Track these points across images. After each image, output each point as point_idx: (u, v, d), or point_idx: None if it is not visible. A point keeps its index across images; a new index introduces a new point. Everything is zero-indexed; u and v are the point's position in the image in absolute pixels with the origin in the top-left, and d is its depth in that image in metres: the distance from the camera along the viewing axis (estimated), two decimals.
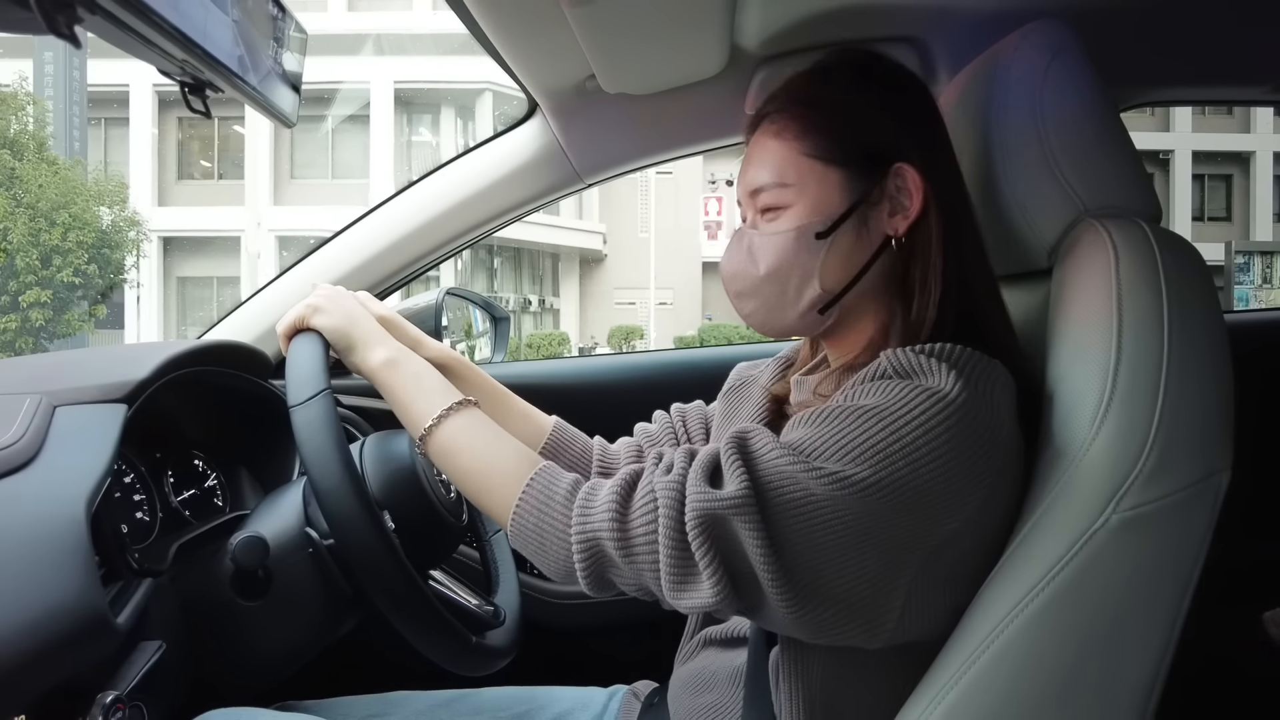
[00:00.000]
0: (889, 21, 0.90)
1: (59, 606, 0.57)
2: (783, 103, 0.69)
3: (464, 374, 0.91)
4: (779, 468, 0.57)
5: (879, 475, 0.55)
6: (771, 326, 0.71)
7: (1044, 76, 0.67)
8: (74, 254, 11.69)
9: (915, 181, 0.65)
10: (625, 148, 1.19)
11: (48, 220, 11.54)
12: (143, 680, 0.63)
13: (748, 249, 0.69)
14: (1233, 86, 1.14)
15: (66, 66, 13.63)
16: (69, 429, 0.69)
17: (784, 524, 0.56)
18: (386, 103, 15.98)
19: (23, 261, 11.43)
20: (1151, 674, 0.60)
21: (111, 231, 12.52)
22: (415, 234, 1.20)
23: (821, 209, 0.66)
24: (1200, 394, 0.59)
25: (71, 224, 11.67)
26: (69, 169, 12.10)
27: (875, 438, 0.56)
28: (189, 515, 0.91)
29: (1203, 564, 0.59)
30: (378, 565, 0.68)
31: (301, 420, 0.69)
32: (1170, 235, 0.64)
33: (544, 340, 15.84)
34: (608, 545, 0.60)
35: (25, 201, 11.44)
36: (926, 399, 0.57)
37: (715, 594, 0.57)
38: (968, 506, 0.57)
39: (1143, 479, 0.57)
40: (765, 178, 0.68)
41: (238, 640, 0.78)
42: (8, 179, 11.38)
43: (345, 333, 0.77)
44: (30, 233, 11.41)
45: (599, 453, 0.92)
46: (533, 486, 0.65)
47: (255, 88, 0.53)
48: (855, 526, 0.55)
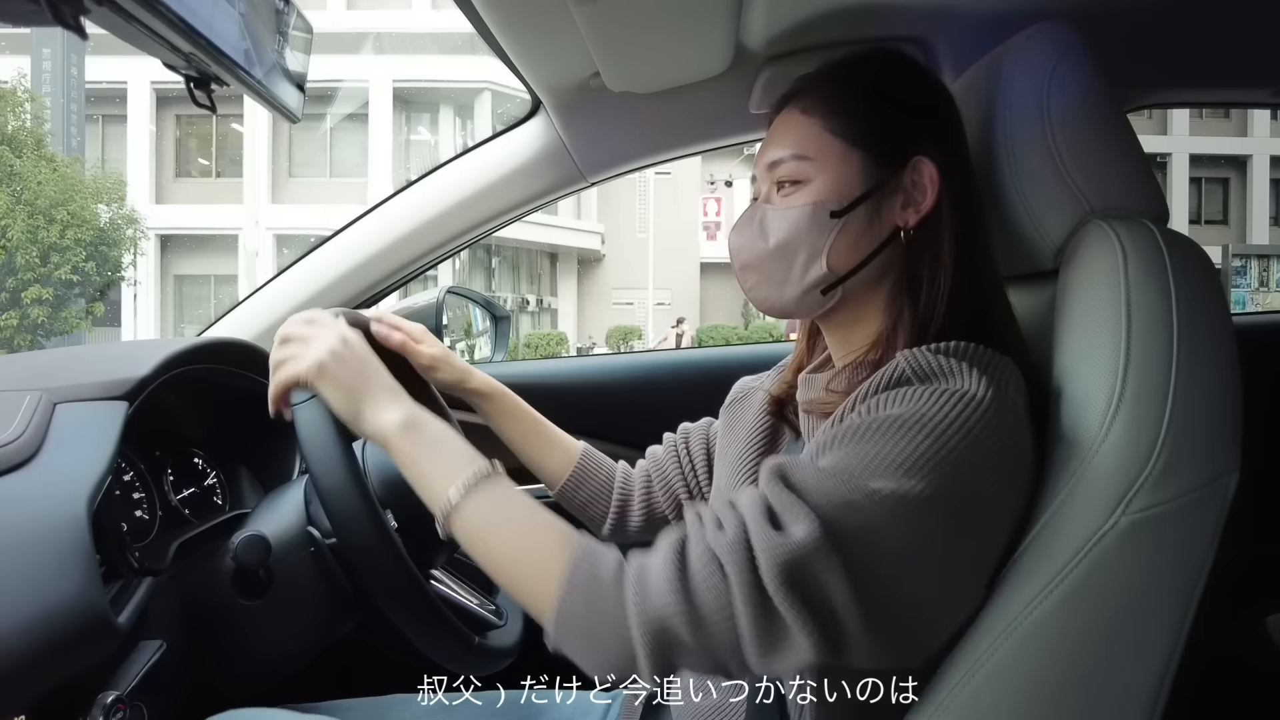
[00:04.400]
0: (895, 21, 0.89)
1: (59, 605, 0.56)
2: (814, 83, 0.70)
3: (506, 404, 0.93)
4: (834, 496, 0.53)
5: (934, 486, 0.53)
6: (772, 303, 0.70)
7: (1050, 77, 0.67)
8: (72, 251, 11.66)
9: (931, 177, 0.66)
10: (628, 146, 1.18)
11: (46, 217, 11.51)
12: (143, 680, 0.63)
13: (759, 222, 0.69)
14: (1236, 89, 1.14)
15: (65, 63, 13.58)
16: (69, 426, 0.68)
17: (858, 553, 0.52)
18: (385, 101, 15.95)
19: (22, 258, 11.41)
20: (1159, 677, 0.59)
21: (110, 229, 12.49)
22: (417, 232, 1.19)
23: (839, 188, 0.66)
24: (1209, 396, 0.59)
25: (70, 221, 11.64)
26: (67, 166, 12.08)
27: (920, 448, 0.54)
28: (188, 514, 0.91)
29: (1210, 567, 0.59)
30: (380, 564, 0.68)
31: (303, 418, 0.68)
32: (1178, 236, 0.64)
33: (542, 340, 15.82)
34: (676, 625, 0.53)
35: (24, 198, 11.41)
36: (960, 403, 0.55)
37: (812, 646, 0.51)
38: (1014, 506, 0.58)
39: (1152, 481, 0.57)
40: (786, 150, 0.68)
41: (238, 639, 0.78)
42: (6, 176, 11.35)
43: (351, 395, 0.67)
44: (29, 230, 11.38)
45: (621, 479, 0.94)
46: (576, 574, 0.57)
47: (261, 82, 0.53)
48: (923, 541, 0.53)
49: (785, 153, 0.68)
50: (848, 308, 0.70)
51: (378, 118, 15.94)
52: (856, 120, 0.67)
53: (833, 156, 0.67)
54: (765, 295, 0.70)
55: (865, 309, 0.69)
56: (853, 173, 0.66)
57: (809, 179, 0.67)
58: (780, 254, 0.68)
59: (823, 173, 0.67)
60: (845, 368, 0.70)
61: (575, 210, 18.36)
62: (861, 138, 0.66)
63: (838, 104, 0.67)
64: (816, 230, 0.66)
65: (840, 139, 0.67)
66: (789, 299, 0.69)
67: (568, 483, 0.94)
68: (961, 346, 0.60)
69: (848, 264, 0.67)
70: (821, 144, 0.67)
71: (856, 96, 0.68)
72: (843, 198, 0.66)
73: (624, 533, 0.94)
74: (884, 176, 0.66)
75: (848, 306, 0.70)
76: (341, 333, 0.70)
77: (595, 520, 0.95)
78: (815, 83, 0.70)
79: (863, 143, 0.66)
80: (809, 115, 0.68)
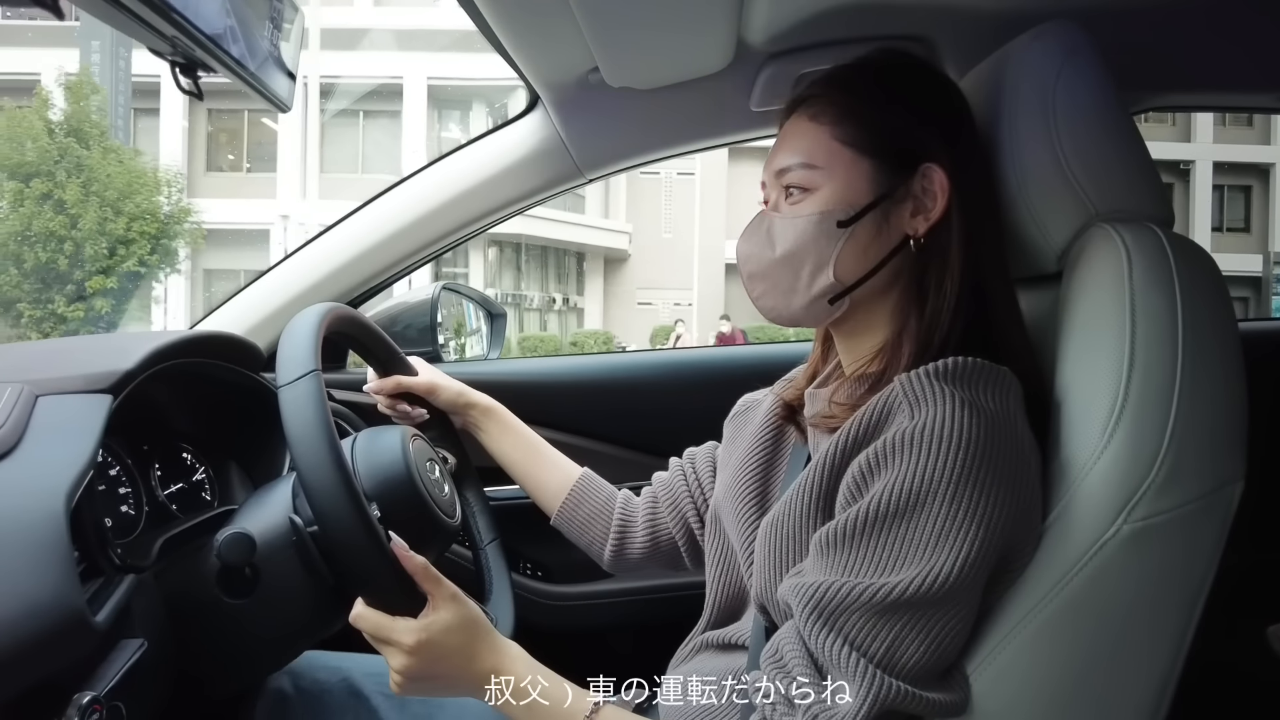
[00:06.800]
0: (898, 19, 0.88)
1: (33, 603, 0.55)
2: (823, 88, 0.69)
3: (507, 423, 0.97)
4: (874, 613, 0.55)
5: (963, 550, 0.55)
6: (779, 312, 0.70)
7: (1057, 77, 0.66)
8: (138, 244, 11.70)
9: (942, 184, 0.65)
10: (627, 143, 1.17)
11: (114, 210, 11.55)
12: (122, 679, 0.61)
13: (766, 231, 0.69)
14: (1242, 92, 1.13)
15: (113, 56, 13.54)
16: (51, 419, 0.67)
17: (912, 649, 0.55)
18: (420, 98, 15.87)
19: (90, 250, 11.42)
20: (1160, 685, 0.59)
21: (170, 222, 12.53)
22: (412, 227, 1.18)
23: (846, 197, 0.65)
24: (1214, 403, 0.58)
25: (137, 214, 11.70)
26: (130, 158, 12.15)
27: (939, 520, 0.55)
28: (176, 510, 0.89)
29: (1214, 576, 0.58)
30: (358, 550, 0.65)
31: (288, 398, 0.67)
32: (1184, 240, 0.63)
33: (588, 338, 15.94)
34: None
35: (93, 190, 11.44)
36: (960, 453, 0.55)
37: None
38: (1024, 514, 0.58)
39: (1155, 489, 0.56)
40: (794, 158, 0.67)
41: (223, 638, 0.76)
42: (75, 168, 11.39)
43: (449, 689, 0.68)
44: (98, 221, 11.40)
45: (622, 504, 0.94)
46: None
47: (247, 67, 0.51)
48: (966, 611, 0.56)
49: (793, 160, 0.67)
50: (857, 315, 0.69)
51: (411, 114, 15.85)
52: (865, 127, 0.66)
53: (841, 165, 0.66)
54: (772, 304, 0.70)
55: (874, 316, 0.69)
56: (861, 181, 0.65)
57: (817, 187, 0.66)
58: (787, 263, 0.67)
59: (830, 181, 0.66)
60: (847, 380, 0.69)
61: (603, 209, 18.35)
62: (870, 145, 0.66)
63: (847, 111, 0.67)
64: (824, 240, 0.65)
65: (849, 147, 0.66)
66: (796, 308, 0.69)
67: (566, 502, 0.94)
68: (960, 366, 0.60)
69: (855, 273, 0.66)
70: (830, 152, 0.66)
71: (866, 103, 0.67)
72: (850, 206, 0.65)
73: (625, 560, 0.93)
74: (893, 184, 0.65)
75: (857, 314, 0.69)
76: (405, 652, 0.65)
77: (594, 545, 0.94)
78: (824, 88, 0.69)
79: (871, 150, 0.66)
80: (817, 122, 0.67)
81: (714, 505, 0.81)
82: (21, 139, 11.27)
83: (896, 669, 0.55)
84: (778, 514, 0.65)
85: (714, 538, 0.80)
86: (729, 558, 0.78)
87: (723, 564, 0.78)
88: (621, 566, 0.94)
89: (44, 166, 11.23)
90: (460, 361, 1.34)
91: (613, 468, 1.21)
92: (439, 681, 0.67)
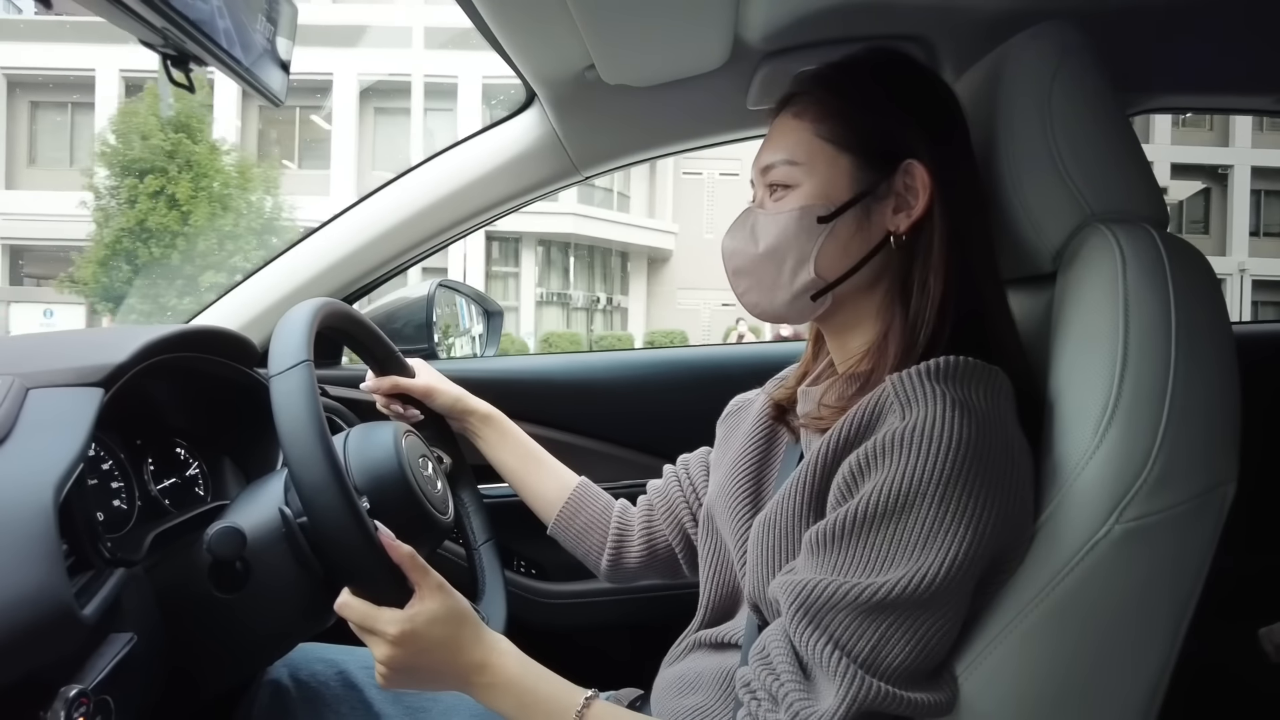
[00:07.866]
0: (895, 19, 0.88)
1: (19, 596, 0.54)
2: (808, 86, 0.70)
3: (505, 429, 0.97)
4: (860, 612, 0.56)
5: (951, 551, 0.55)
6: (763, 308, 0.70)
7: (1053, 77, 0.66)
8: (244, 239, 11.77)
9: (924, 181, 0.65)
10: (623, 140, 1.17)
11: (223, 205, 11.64)
12: (111, 673, 0.61)
13: (751, 227, 0.69)
14: (1240, 94, 1.13)
15: None
16: (41, 412, 0.67)
17: (896, 650, 0.55)
18: (475, 96, 15.80)
19: (203, 244, 11.50)
20: (1151, 687, 0.59)
21: (272, 218, 12.60)
22: (407, 223, 1.18)
23: (826, 193, 0.66)
24: (1207, 405, 0.58)
25: (245, 210, 11.80)
26: (235, 154, 12.28)
27: (928, 521, 0.55)
28: (168, 504, 0.89)
29: (1205, 577, 0.58)
30: (343, 534, 0.64)
31: (278, 388, 0.66)
32: (1178, 242, 0.63)
33: (664, 339, 15.87)
34: None
35: (203, 185, 11.53)
36: (950, 454, 0.55)
37: None
38: (1015, 515, 0.58)
39: (1146, 490, 0.56)
40: (777, 155, 0.68)
41: (214, 633, 0.76)
42: (185, 163, 11.45)
43: (435, 683, 0.67)
44: (208, 216, 11.50)
45: (618, 513, 0.94)
46: None
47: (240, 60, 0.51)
48: (953, 612, 0.57)
49: (777, 157, 0.68)
50: (843, 313, 0.69)
51: (465, 113, 15.77)
52: (846, 124, 0.66)
53: (821, 160, 0.66)
54: (756, 300, 0.70)
55: (860, 315, 0.69)
56: (841, 176, 0.66)
57: (797, 183, 0.67)
58: (769, 259, 0.67)
59: (811, 177, 0.66)
60: (837, 380, 0.69)
61: (648, 209, 18.30)
62: (851, 142, 0.66)
63: (828, 107, 0.67)
64: (804, 235, 0.66)
65: (829, 143, 0.66)
66: (779, 304, 0.69)
67: (563, 511, 0.94)
68: (952, 365, 0.60)
69: (837, 270, 0.66)
70: (811, 148, 0.67)
71: (847, 99, 0.67)
72: (831, 202, 0.65)
73: (622, 570, 0.93)
74: (874, 181, 0.65)
75: (843, 312, 0.69)
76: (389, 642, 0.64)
77: (590, 554, 0.94)
78: (809, 85, 0.69)
79: (852, 147, 0.66)
80: (800, 119, 0.68)
81: (707, 505, 0.81)
82: (130, 135, 11.34)
83: (880, 669, 0.55)
84: (770, 513, 0.65)
85: (708, 537, 0.80)
86: (723, 557, 0.78)
87: (716, 563, 0.78)
88: (618, 577, 0.94)
89: (157, 162, 11.28)
90: (458, 359, 1.33)
91: (608, 466, 1.21)
92: (424, 674, 0.65)
